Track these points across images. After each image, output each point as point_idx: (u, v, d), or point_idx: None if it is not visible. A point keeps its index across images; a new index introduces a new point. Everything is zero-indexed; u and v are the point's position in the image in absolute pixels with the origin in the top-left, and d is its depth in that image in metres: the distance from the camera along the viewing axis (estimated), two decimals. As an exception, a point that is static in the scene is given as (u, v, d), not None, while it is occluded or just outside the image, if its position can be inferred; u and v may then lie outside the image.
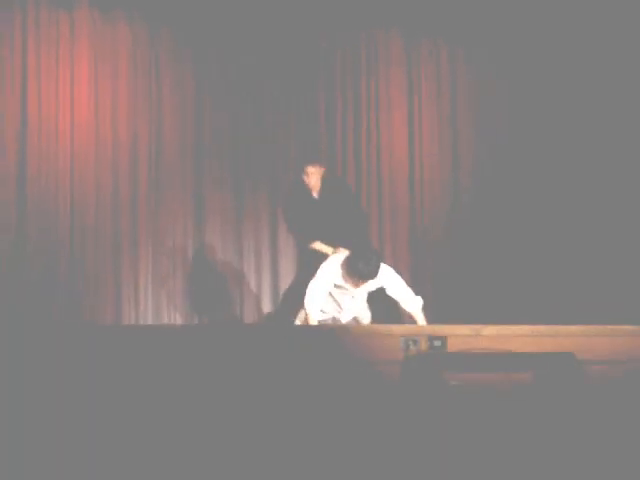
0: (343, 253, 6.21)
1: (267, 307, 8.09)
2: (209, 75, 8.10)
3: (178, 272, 7.93)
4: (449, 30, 8.54)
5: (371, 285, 6.13)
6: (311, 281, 6.06)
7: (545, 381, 5.10)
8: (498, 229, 8.41)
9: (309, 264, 6.50)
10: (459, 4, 8.33)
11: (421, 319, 6.17)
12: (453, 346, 5.16)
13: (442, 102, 8.61)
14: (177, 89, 8.02)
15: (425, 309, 6.27)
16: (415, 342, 5.15)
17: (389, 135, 8.49)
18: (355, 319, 6.53)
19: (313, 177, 6.63)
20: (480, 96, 8.63)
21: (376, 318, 6.65)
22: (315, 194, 6.71)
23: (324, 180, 6.71)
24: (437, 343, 5.18)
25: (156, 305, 7.83)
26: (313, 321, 6.00)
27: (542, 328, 5.37)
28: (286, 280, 7.97)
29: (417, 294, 6.23)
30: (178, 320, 7.80)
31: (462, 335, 5.24)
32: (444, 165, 8.58)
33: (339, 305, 6.31)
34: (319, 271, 6.08)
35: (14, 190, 7.52)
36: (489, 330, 5.34)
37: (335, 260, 6.13)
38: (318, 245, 6.58)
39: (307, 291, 6.04)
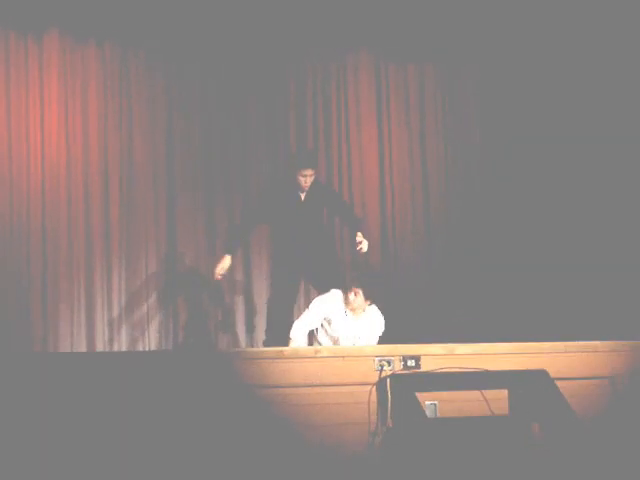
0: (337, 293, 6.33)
1: (241, 327, 8.07)
2: (180, 94, 8.09)
3: (151, 292, 7.89)
4: (417, 48, 8.59)
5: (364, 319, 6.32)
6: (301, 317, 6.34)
7: (519, 398, 5.13)
8: (469, 244, 8.46)
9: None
10: (426, 22, 8.37)
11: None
12: (427, 365, 5.18)
13: (411, 119, 8.67)
14: (147, 109, 8.01)
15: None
16: (389, 362, 5.16)
17: (359, 152, 8.53)
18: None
19: (309, 179, 6.73)
20: (448, 111, 8.69)
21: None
22: (303, 196, 6.80)
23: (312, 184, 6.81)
24: (411, 363, 5.20)
25: (130, 325, 7.79)
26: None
27: (514, 346, 5.41)
28: (260, 298, 8.01)
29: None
30: (152, 343, 7.75)
31: (435, 354, 5.27)
32: (415, 181, 8.63)
33: (335, 339, 6.41)
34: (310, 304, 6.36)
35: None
36: (462, 349, 5.38)
37: (330, 296, 6.30)
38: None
39: (294, 323, 6.29)
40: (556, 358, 5.32)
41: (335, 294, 6.32)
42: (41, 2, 7.62)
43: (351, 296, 6.23)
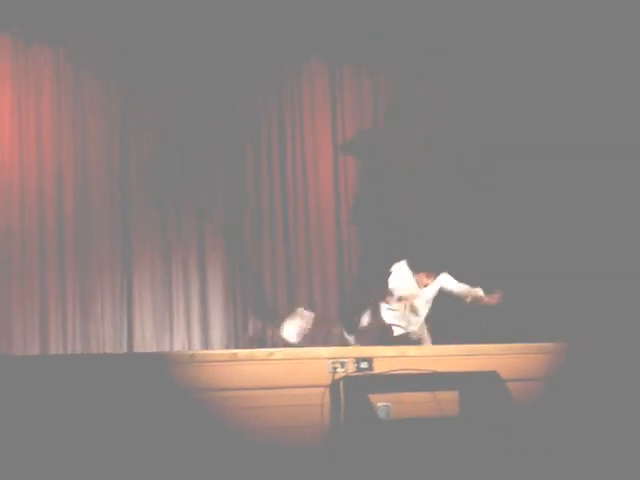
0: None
1: (196, 335, 8.07)
2: (134, 105, 8.05)
3: (106, 300, 7.86)
4: (370, 56, 8.63)
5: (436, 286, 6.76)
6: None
7: (470, 399, 5.20)
8: (422, 247, 8.51)
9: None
10: (379, 28, 8.41)
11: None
12: (379, 367, 5.23)
13: (365, 125, 8.71)
14: (102, 119, 7.97)
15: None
16: (342, 364, 5.21)
17: (314, 159, 8.56)
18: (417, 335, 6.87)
19: None
20: (401, 117, 8.74)
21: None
22: None
23: None
24: (364, 365, 5.25)
25: (84, 334, 7.75)
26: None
27: (465, 347, 5.48)
28: (215, 308, 8.03)
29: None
30: (107, 345, 7.73)
31: (388, 356, 5.33)
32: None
33: (408, 321, 6.75)
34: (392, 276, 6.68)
35: None
36: (414, 351, 5.45)
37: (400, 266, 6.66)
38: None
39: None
40: (505, 359, 5.41)
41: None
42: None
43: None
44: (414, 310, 6.80)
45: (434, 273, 6.78)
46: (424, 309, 6.86)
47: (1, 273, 7.53)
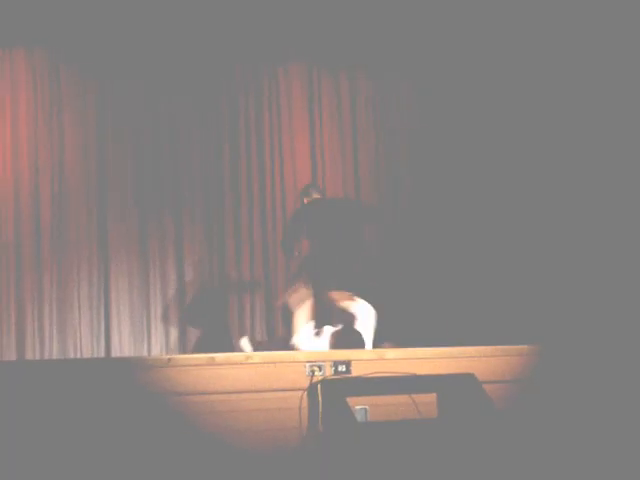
0: None
1: (174, 337, 8.06)
2: (111, 107, 8.06)
3: (83, 306, 7.84)
4: (349, 58, 8.66)
5: None
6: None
7: (447, 402, 5.21)
8: (398, 250, 8.56)
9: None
10: (356, 28, 8.45)
11: None
12: (357, 370, 5.24)
13: (344, 126, 8.74)
14: (79, 122, 7.97)
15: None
16: (320, 367, 5.21)
17: (292, 161, 8.57)
18: None
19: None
20: (380, 118, 8.78)
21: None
22: None
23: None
24: (341, 368, 5.26)
25: (62, 339, 7.72)
26: None
27: (442, 350, 5.49)
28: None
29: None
30: (85, 351, 7.71)
31: (366, 359, 5.34)
32: (347, 188, 8.72)
33: None
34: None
35: None
36: (392, 353, 5.45)
37: None
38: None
39: None
40: (482, 361, 5.43)
41: None
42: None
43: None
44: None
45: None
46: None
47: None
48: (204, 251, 8.22)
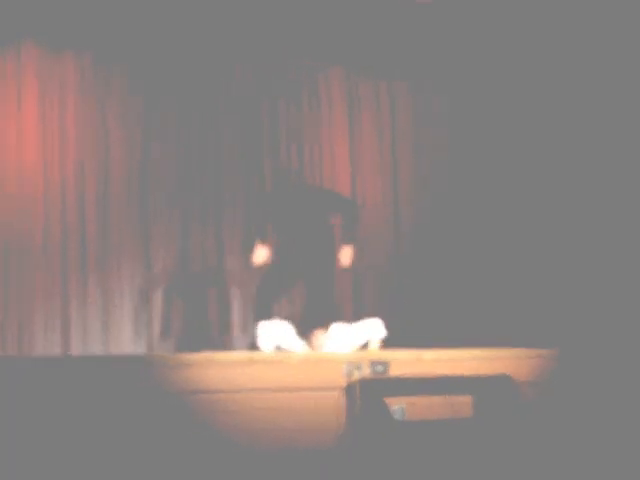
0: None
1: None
2: (156, 107, 8.15)
3: (125, 306, 7.95)
4: (389, 67, 8.71)
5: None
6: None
7: (483, 403, 5.24)
8: (438, 259, 8.59)
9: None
10: (398, 40, 8.49)
11: None
12: (395, 371, 5.29)
13: (383, 136, 8.78)
14: (124, 123, 8.07)
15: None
16: (358, 368, 5.27)
17: (331, 169, 8.63)
18: None
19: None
20: (420, 128, 8.81)
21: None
22: None
23: None
24: (379, 368, 5.31)
25: (105, 338, 7.85)
26: None
27: (478, 352, 5.53)
28: (234, 307, 8.12)
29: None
30: (126, 346, 7.82)
31: (404, 360, 5.39)
32: (386, 199, 8.78)
33: None
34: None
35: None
36: (430, 355, 5.50)
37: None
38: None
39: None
40: (517, 363, 5.46)
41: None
42: (18, 13, 7.66)
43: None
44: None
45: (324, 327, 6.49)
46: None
47: (25, 281, 7.66)
48: (244, 253, 8.27)
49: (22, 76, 7.78)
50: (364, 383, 5.18)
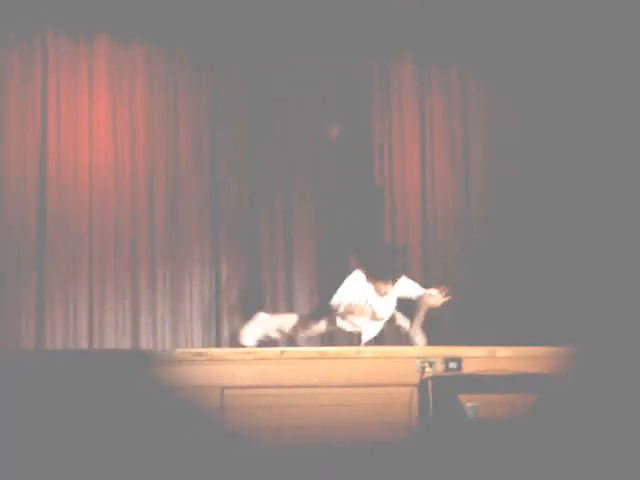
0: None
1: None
2: (226, 98, 8.14)
3: (195, 300, 7.99)
4: (460, 55, 8.61)
5: (395, 292, 6.32)
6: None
7: (557, 402, 5.17)
8: (509, 254, 8.47)
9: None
10: (469, 29, 8.38)
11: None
12: (468, 367, 5.23)
13: (454, 130, 8.69)
14: (194, 113, 8.09)
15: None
16: (431, 364, 5.22)
17: (402, 165, 8.55)
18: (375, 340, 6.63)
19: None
20: (492, 124, 8.70)
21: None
22: None
23: None
24: (452, 365, 5.25)
25: (174, 331, 7.89)
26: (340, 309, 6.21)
27: (552, 349, 5.44)
28: (302, 299, 8.14)
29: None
30: (195, 342, 7.86)
31: (477, 357, 5.32)
32: (456, 194, 8.66)
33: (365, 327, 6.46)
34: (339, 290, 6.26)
35: (34, 221, 7.57)
36: (503, 352, 5.42)
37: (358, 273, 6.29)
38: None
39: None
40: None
41: (358, 275, 6.33)
42: (89, 5, 7.73)
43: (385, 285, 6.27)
44: (373, 317, 6.38)
45: (392, 280, 6.23)
46: (384, 314, 6.42)
47: (95, 277, 7.73)
48: (313, 252, 8.27)
49: (94, 70, 7.83)
50: (437, 380, 5.14)
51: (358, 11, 8.10)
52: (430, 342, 6.39)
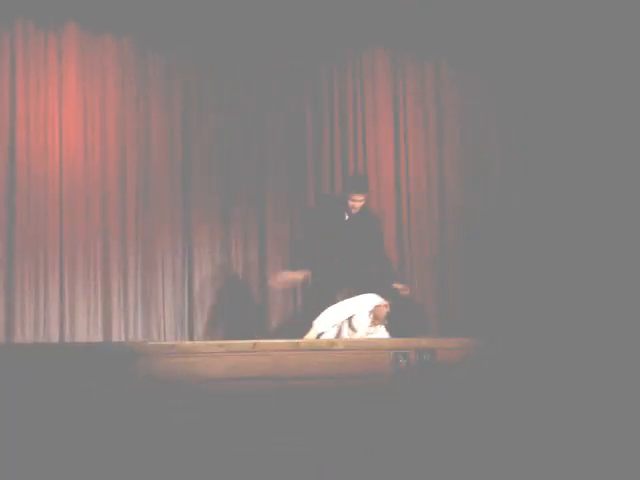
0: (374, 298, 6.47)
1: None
2: (196, 91, 8.10)
3: (167, 287, 7.94)
4: (434, 43, 8.58)
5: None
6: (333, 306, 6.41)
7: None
8: (483, 242, 8.48)
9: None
10: (442, 17, 8.36)
11: None
12: (442, 358, 5.21)
13: (428, 115, 8.67)
14: (165, 105, 8.03)
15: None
16: (405, 355, 5.20)
17: (375, 149, 8.53)
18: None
19: (358, 204, 7.00)
20: (465, 108, 8.69)
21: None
22: (349, 216, 7.06)
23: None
24: (426, 356, 5.23)
25: (145, 319, 7.84)
26: (311, 336, 6.21)
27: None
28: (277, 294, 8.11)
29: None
30: (168, 337, 7.80)
31: (450, 348, 5.32)
32: (430, 178, 8.65)
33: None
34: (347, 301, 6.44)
35: (4, 213, 7.52)
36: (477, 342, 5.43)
37: (366, 300, 6.41)
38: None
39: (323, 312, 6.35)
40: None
41: (370, 298, 6.44)
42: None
43: (383, 308, 6.35)
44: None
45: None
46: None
47: (65, 263, 7.66)
48: (287, 240, 8.25)
49: (63, 59, 7.76)
50: (411, 370, 5.13)
51: (331, 3, 8.06)
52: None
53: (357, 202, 6.96)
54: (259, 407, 4.93)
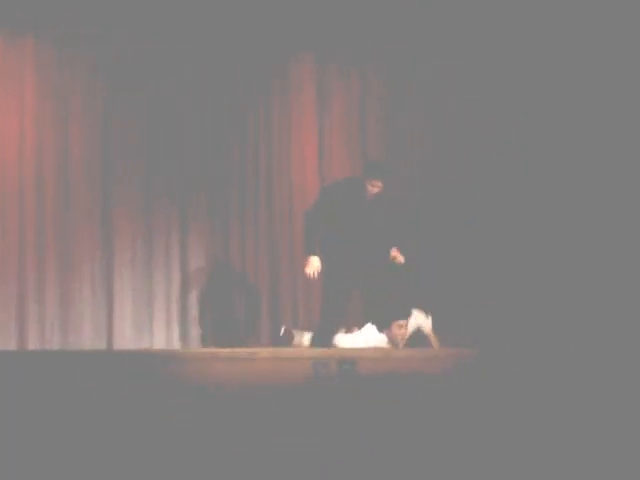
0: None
1: (176, 329, 8.05)
2: (118, 93, 7.97)
3: (85, 291, 7.82)
4: (359, 50, 8.56)
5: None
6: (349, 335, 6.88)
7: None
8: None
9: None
10: (367, 24, 8.33)
11: None
12: (363, 369, 5.21)
13: (352, 121, 8.67)
14: (85, 112, 7.92)
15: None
16: (325, 365, 5.19)
17: (300, 154, 8.50)
18: None
19: (376, 190, 7.06)
20: (391, 115, 8.70)
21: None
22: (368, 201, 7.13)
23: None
24: (346, 366, 5.23)
25: (63, 327, 7.72)
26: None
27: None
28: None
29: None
30: (86, 345, 7.68)
31: (372, 358, 5.34)
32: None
33: None
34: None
35: None
36: (398, 353, 5.46)
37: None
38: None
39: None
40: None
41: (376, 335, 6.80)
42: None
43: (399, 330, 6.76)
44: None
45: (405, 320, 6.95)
46: None
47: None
48: (209, 244, 8.19)
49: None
50: (330, 380, 5.12)
51: (258, 9, 8.03)
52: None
53: (376, 187, 7.02)
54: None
